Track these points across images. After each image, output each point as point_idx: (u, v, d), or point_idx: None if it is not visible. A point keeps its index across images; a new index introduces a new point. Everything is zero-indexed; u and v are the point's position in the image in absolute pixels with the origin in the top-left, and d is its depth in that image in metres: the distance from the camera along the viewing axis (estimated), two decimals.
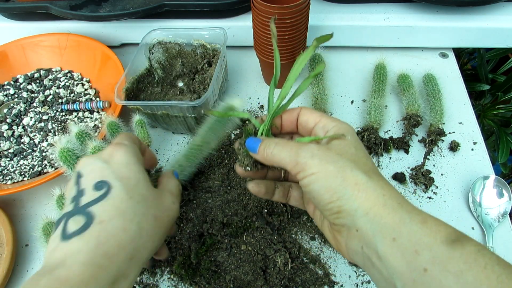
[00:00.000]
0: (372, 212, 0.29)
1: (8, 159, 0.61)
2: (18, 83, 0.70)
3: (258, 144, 0.36)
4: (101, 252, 0.28)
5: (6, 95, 0.69)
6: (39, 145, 0.62)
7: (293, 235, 0.50)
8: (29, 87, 0.69)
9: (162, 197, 0.36)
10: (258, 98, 0.68)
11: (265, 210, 0.51)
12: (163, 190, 0.37)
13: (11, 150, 0.62)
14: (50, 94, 0.68)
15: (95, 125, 0.64)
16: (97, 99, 0.68)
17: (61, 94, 0.68)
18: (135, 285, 0.48)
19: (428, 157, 0.57)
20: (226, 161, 0.58)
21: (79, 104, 0.65)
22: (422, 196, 0.54)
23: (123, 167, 0.33)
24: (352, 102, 0.66)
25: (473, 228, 0.50)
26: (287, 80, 0.39)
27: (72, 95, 0.68)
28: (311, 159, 0.32)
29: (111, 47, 0.69)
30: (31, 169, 0.59)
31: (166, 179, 0.39)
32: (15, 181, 0.58)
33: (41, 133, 0.63)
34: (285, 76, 0.67)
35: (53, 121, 0.64)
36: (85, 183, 0.32)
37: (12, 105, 0.67)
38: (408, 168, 0.57)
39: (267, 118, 0.39)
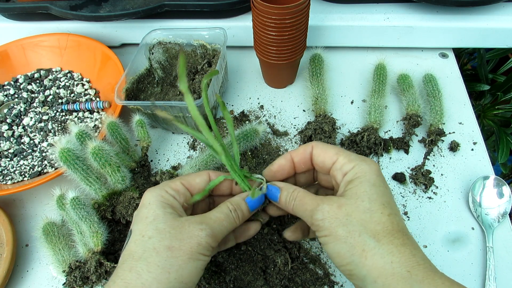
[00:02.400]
0: (380, 281, 0.28)
1: (8, 159, 0.61)
2: (18, 83, 0.70)
3: (278, 194, 0.37)
4: None
5: (6, 95, 0.69)
6: (39, 145, 0.62)
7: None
8: (29, 87, 0.69)
9: (184, 226, 0.34)
10: (258, 98, 0.68)
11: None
12: (191, 218, 0.35)
13: (11, 150, 0.62)
14: (50, 94, 0.68)
15: (95, 125, 0.64)
16: (97, 99, 0.68)
17: (61, 94, 0.68)
18: None
19: (428, 157, 0.57)
20: None
21: (79, 104, 0.65)
22: (422, 196, 0.54)
23: (144, 209, 0.35)
24: (352, 102, 0.66)
25: (473, 228, 0.50)
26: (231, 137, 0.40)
27: (72, 95, 0.68)
28: (322, 222, 0.32)
29: (111, 47, 0.69)
30: (31, 169, 0.59)
31: (224, 204, 0.38)
32: (15, 181, 0.58)
33: (41, 133, 0.63)
34: (285, 76, 0.67)
35: (53, 121, 0.64)
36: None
37: (12, 105, 0.67)
38: (408, 168, 0.57)
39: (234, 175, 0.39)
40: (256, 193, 0.37)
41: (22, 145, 0.62)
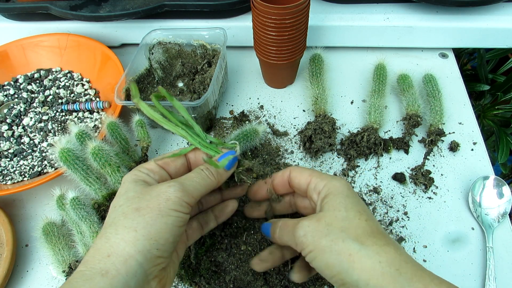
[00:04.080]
0: (372, 283, 0.29)
1: (8, 159, 0.61)
2: (18, 83, 0.70)
3: (269, 228, 0.38)
4: (81, 262, 0.31)
5: (6, 95, 0.69)
6: (39, 145, 0.62)
7: None
8: (29, 87, 0.69)
9: (153, 189, 0.34)
10: (258, 98, 0.68)
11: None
12: (161, 183, 0.35)
13: (11, 150, 0.62)
14: (50, 95, 0.68)
15: (95, 125, 0.64)
16: (97, 99, 0.68)
17: (61, 95, 0.68)
18: None
19: (428, 157, 0.57)
20: None
21: (79, 104, 0.65)
22: (422, 197, 0.54)
23: (120, 188, 0.36)
24: (352, 102, 0.66)
25: (473, 229, 0.50)
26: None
27: (72, 95, 0.68)
28: (305, 238, 0.32)
29: (111, 47, 0.69)
30: (31, 169, 0.59)
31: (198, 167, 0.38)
32: (15, 181, 0.58)
33: (41, 133, 0.63)
34: (285, 76, 0.67)
35: (53, 121, 0.64)
36: None
37: (12, 105, 0.67)
38: (408, 168, 0.57)
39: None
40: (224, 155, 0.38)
41: (22, 145, 0.62)
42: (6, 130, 0.64)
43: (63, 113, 0.65)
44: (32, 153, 0.61)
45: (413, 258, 0.31)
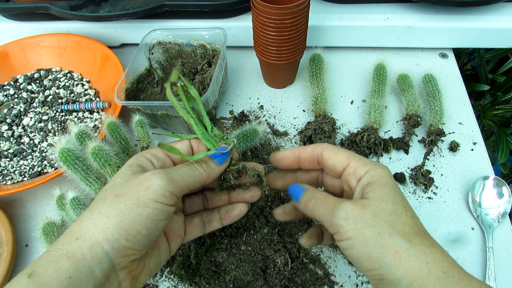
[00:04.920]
0: (417, 283, 0.27)
1: (8, 159, 0.61)
2: (18, 83, 0.70)
3: (301, 194, 0.35)
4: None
5: (6, 95, 0.69)
6: (39, 145, 0.62)
7: (293, 235, 0.50)
8: (29, 87, 0.69)
9: (137, 177, 0.32)
10: (258, 99, 0.68)
11: (266, 210, 0.51)
12: (146, 172, 0.34)
13: (11, 151, 0.62)
14: (50, 95, 0.68)
15: (95, 125, 0.64)
16: (97, 99, 0.68)
17: (61, 95, 0.68)
18: None
19: (428, 157, 0.57)
20: None
21: (79, 105, 0.65)
22: (422, 197, 0.54)
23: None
24: (352, 102, 0.66)
25: (473, 228, 0.50)
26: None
27: (72, 95, 0.68)
28: (345, 222, 0.30)
29: (111, 47, 0.69)
30: (31, 169, 0.59)
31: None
32: (15, 181, 0.58)
33: (41, 133, 0.63)
34: (285, 76, 0.67)
35: (53, 122, 0.64)
36: None
37: (12, 105, 0.67)
38: (408, 168, 0.57)
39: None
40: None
41: (22, 145, 0.62)
42: (6, 130, 0.64)
43: (63, 113, 0.65)
44: (32, 153, 0.61)
45: (457, 263, 0.30)
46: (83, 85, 0.70)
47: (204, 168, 0.36)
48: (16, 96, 0.69)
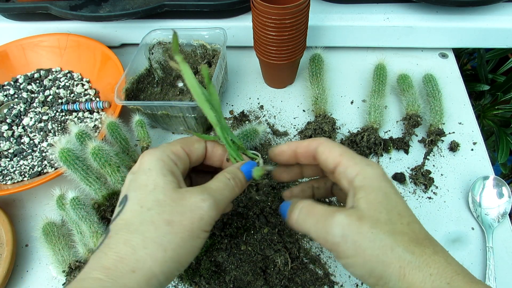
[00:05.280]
0: None
1: (8, 159, 0.61)
2: (18, 83, 0.70)
3: (287, 209, 0.34)
4: (99, 265, 0.28)
5: (6, 95, 0.69)
6: (39, 145, 0.62)
7: (293, 235, 0.50)
8: (29, 87, 0.69)
9: (185, 198, 0.31)
10: (258, 99, 0.68)
11: (266, 209, 0.51)
12: (192, 190, 0.32)
13: (11, 150, 0.62)
14: (50, 95, 0.68)
15: (95, 125, 0.64)
16: (97, 99, 0.68)
17: (61, 95, 0.68)
18: None
19: (428, 157, 0.57)
20: None
21: (79, 104, 0.65)
22: (422, 197, 0.54)
23: (143, 175, 0.32)
24: (352, 102, 0.66)
25: (473, 229, 0.50)
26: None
27: (72, 95, 0.68)
28: (343, 240, 0.29)
29: (111, 47, 0.69)
30: (31, 169, 0.59)
31: (221, 173, 0.35)
32: (15, 181, 0.58)
33: (41, 133, 0.63)
34: (285, 76, 0.67)
35: (53, 121, 0.64)
36: (119, 199, 0.33)
37: (12, 105, 0.67)
38: (408, 168, 0.57)
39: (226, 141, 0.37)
40: (258, 170, 0.36)
41: (22, 145, 0.62)
42: (6, 130, 0.64)
43: (63, 113, 0.65)
44: (32, 153, 0.61)
45: (464, 267, 0.29)
46: (83, 85, 0.70)
47: (238, 185, 0.35)
48: (16, 96, 0.69)
